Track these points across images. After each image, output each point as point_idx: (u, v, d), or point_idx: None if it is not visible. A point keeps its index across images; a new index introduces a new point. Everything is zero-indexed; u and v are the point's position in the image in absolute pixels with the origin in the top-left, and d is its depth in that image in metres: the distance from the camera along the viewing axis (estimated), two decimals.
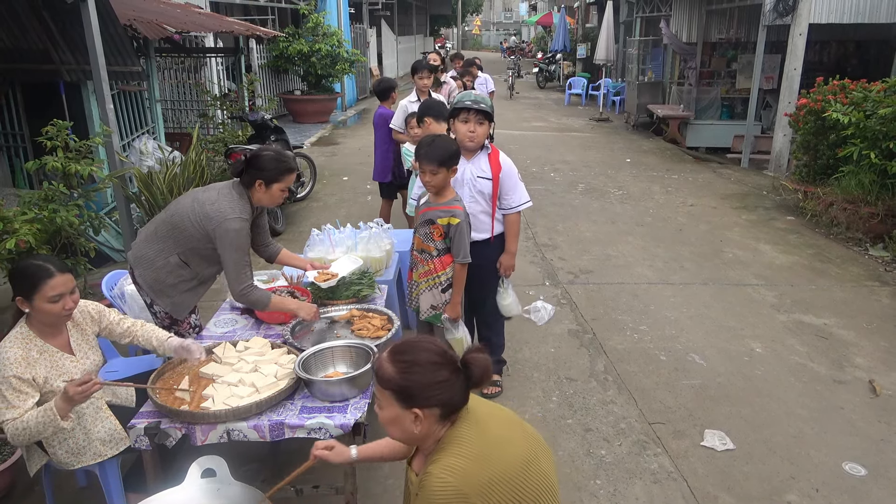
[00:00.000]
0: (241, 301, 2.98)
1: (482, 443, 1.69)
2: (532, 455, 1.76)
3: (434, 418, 1.69)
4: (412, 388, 1.67)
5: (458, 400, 1.72)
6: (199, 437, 2.36)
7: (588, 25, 22.55)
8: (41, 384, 2.37)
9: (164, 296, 3.02)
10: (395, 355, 1.71)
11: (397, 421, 1.71)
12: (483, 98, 3.58)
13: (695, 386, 3.99)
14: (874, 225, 6.53)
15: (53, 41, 5.49)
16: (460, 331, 3.41)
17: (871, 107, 6.69)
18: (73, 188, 4.44)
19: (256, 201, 2.98)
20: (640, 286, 5.52)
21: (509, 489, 1.66)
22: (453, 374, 1.70)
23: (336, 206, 7.81)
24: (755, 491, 3.09)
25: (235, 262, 2.88)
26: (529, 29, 45.71)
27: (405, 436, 1.74)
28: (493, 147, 3.64)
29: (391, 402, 1.70)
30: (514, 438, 1.77)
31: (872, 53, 10.85)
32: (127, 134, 6.79)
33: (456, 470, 1.62)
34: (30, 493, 3.03)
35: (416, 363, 1.69)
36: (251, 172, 2.91)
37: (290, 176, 2.96)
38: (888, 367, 4.24)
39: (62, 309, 2.39)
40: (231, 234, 2.83)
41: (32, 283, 2.33)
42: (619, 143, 12.30)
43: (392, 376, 1.68)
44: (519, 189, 3.62)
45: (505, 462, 1.68)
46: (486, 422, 1.77)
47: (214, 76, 10.35)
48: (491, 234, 3.64)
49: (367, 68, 18.61)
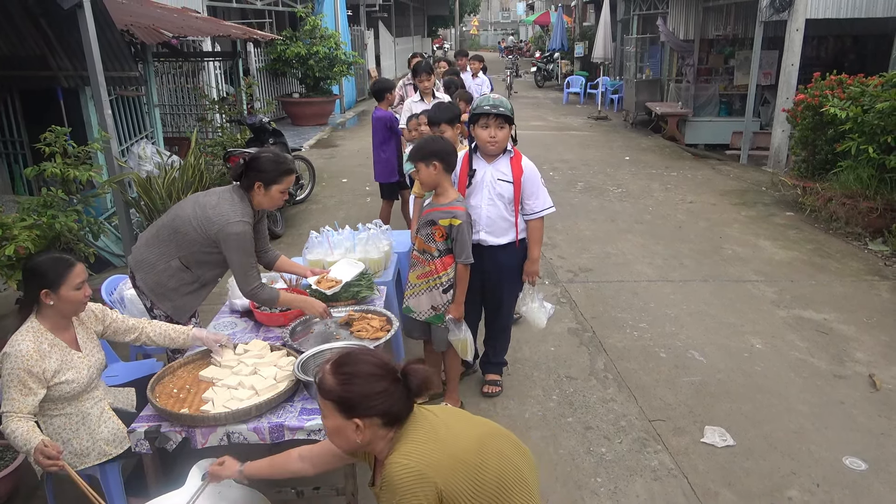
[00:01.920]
0: (247, 297, 3.01)
1: (432, 431, 1.77)
2: (484, 438, 1.83)
3: (375, 427, 1.75)
4: (352, 398, 1.73)
5: (399, 409, 1.77)
6: (199, 440, 2.37)
7: (585, 24, 22.56)
8: (50, 378, 2.42)
9: (165, 299, 3.03)
10: (335, 367, 1.77)
11: (340, 431, 1.77)
12: (501, 101, 3.46)
13: (695, 383, 4.00)
14: (873, 219, 6.54)
15: (51, 47, 5.50)
16: (463, 331, 3.40)
17: (869, 101, 6.69)
18: (71, 194, 4.45)
19: (256, 204, 2.99)
20: (640, 284, 5.52)
21: (467, 470, 1.72)
22: (392, 384, 1.75)
23: (335, 208, 7.82)
24: (756, 487, 3.09)
25: (242, 264, 2.90)
26: (527, 28, 45.74)
27: (348, 445, 1.81)
28: (517, 150, 3.54)
29: (333, 413, 1.75)
30: (461, 424, 1.85)
31: (870, 48, 10.85)
32: (125, 139, 6.80)
33: (413, 454, 1.69)
34: (32, 498, 3.04)
35: (356, 375, 1.74)
36: (250, 175, 2.92)
37: (289, 177, 2.97)
38: (888, 361, 4.25)
39: (84, 296, 2.48)
40: (235, 238, 2.84)
41: (58, 273, 2.41)
42: (617, 142, 12.31)
43: (333, 387, 1.74)
44: (541, 194, 3.52)
45: (458, 445, 1.76)
46: (432, 418, 1.83)
47: (212, 80, 10.36)
48: (515, 238, 3.54)
49: (366, 70, 18.62)
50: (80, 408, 2.55)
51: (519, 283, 3.69)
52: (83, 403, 2.56)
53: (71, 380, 2.47)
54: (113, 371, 3.34)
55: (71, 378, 2.47)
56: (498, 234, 3.53)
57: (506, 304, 3.74)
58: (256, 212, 3.04)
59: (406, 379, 1.77)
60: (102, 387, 2.73)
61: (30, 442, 2.30)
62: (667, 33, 12.22)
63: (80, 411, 2.55)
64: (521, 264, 3.64)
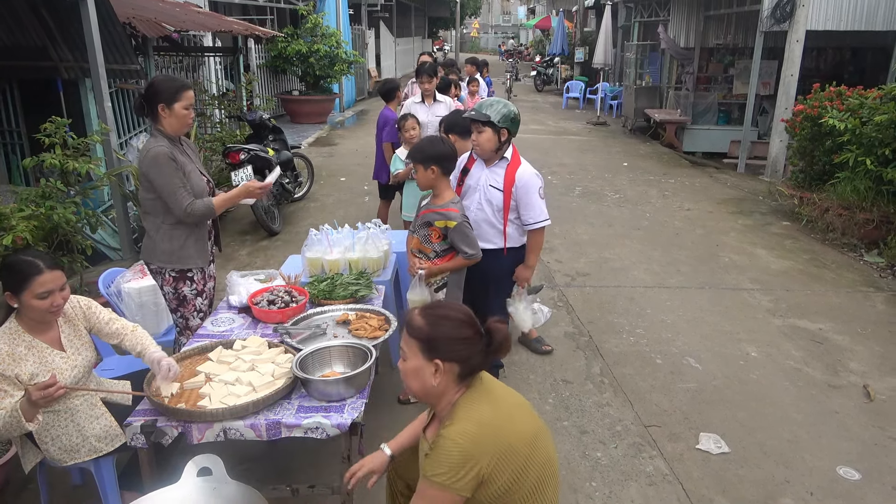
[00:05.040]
0: (188, 220, 3.06)
1: (494, 414, 1.81)
2: (538, 434, 1.88)
3: (452, 375, 1.83)
4: (438, 338, 1.82)
5: (477, 362, 1.86)
6: (195, 435, 2.35)
7: (586, 29, 22.61)
8: (26, 381, 2.34)
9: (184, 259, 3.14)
10: (426, 309, 1.90)
11: (419, 372, 1.84)
12: (480, 105, 3.49)
13: (690, 389, 4.01)
14: (869, 231, 6.57)
15: (52, 38, 5.48)
16: (425, 293, 3.28)
17: (867, 113, 6.73)
18: (70, 185, 4.43)
19: (168, 128, 3.06)
20: (637, 289, 5.53)
21: (516, 460, 1.78)
22: (476, 335, 1.86)
23: (333, 207, 7.81)
24: (750, 494, 3.10)
25: (167, 185, 2.99)
26: (528, 32, 45.79)
27: (423, 388, 1.86)
28: (516, 158, 3.51)
29: (416, 353, 1.84)
30: (523, 416, 1.90)
31: (868, 61, 10.92)
32: (125, 132, 6.77)
33: (469, 435, 1.74)
34: (24, 491, 3.01)
35: (445, 317, 1.86)
36: (151, 102, 3.02)
37: (187, 92, 3.06)
38: (882, 372, 4.26)
39: (50, 306, 2.36)
40: (152, 161, 2.96)
41: (21, 279, 2.31)
42: (616, 147, 12.33)
43: (421, 326, 1.84)
44: (535, 206, 3.45)
45: (515, 435, 1.80)
46: (499, 397, 1.89)
47: (213, 76, 10.33)
48: (503, 245, 3.53)
49: (366, 70, 18.62)
50: (68, 405, 2.50)
51: (507, 289, 3.69)
52: (71, 400, 2.52)
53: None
54: (108, 364, 3.33)
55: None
56: (483, 238, 3.51)
57: (492, 309, 3.72)
58: (176, 141, 3.12)
59: (489, 335, 1.87)
60: (95, 382, 2.70)
61: (13, 411, 2.20)
62: (667, 41, 12.26)
63: (69, 408, 2.50)
64: (509, 273, 3.64)
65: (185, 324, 3.26)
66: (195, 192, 3.09)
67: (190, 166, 3.12)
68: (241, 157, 6.42)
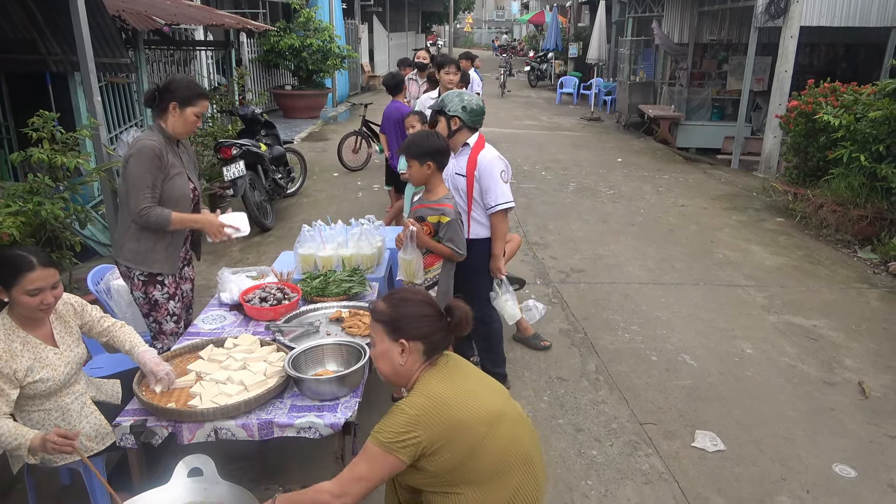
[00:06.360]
0: (138, 221, 2.92)
1: (449, 390, 1.91)
2: (503, 416, 1.94)
3: (418, 354, 1.96)
4: (400, 318, 1.96)
5: (440, 339, 1.99)
6: (185, 435, 2.32)
7: (580, 25, 22.58)
8: (22, 378, 2.32)
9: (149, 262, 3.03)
10: (388, 296, 2.06)
11: (386, 354, 1.97)
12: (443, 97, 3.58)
13: (686, 386, 3.99)
14: (863, 227, 6.57)
15: (40, 31, 5.39)
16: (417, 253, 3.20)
17: (862, 110, 6.73)
18: (58, 181, 4.36)
19: (170, 127, 2.98)
20: (632, 286, 5.51)
21: (469, 437, 1.85)
22: (436, 313, 2.00)
23: (326, 202, 7.75)
24: (746, 492, 3.08)
25: (138, 180, 2.88)
26: (521, 27, 45.73)
27: (393, 369, 1.99)
28: (479, 143, 3.53)
29: (382, 336, 1.98)
30: (489, 397, 1.97)
31: (862, 57, 10.93)
32: (115, 126, 6.70)
33: (418, 405, 1.86)
34: (11, 492, 2.96)
35: (405, 300, 2.02)
36: (165, 96, 2.95)
37: (203, 101, 3.00)
38: (877, 368, 4.26)
39: (40, 303, 2.33)
40: (136, 152, 2.88)
41: (12, 274, 2.28)
42: (610, 143, 12.32)
43: (384, 310, 1.99)
44: (496, 188, 3.44)
45: (469, 412, 1.88)
46: (465, 376, 2.00)
47: (204, 70, 10.24)
48: (467, 234, 3.48)
49: (359, 64, 18.52)
50: (60, 403, 2.47)
51: (483, 280, 3.65)
52: (62, 398, 2.48)
53: (46, 378, 2.37)
54: (98, 363, 3.28)
55: (45, 377, 2.38)
56: None
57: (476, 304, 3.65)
58: (174, 142, 3.04)
59: (450, 313, 2.01)
60: (84, 380, 2.65)
61: (20, 436, 2.20)
62: (661, 36, 12.24)
63: (60, 406, 2.47)
64: (481, 263, 3.60)
65: (158, 328, 3.15)
66: (173, 196, 2.98)
67: (178, 169, 3.01)
68: (233, 152, 6.36)
